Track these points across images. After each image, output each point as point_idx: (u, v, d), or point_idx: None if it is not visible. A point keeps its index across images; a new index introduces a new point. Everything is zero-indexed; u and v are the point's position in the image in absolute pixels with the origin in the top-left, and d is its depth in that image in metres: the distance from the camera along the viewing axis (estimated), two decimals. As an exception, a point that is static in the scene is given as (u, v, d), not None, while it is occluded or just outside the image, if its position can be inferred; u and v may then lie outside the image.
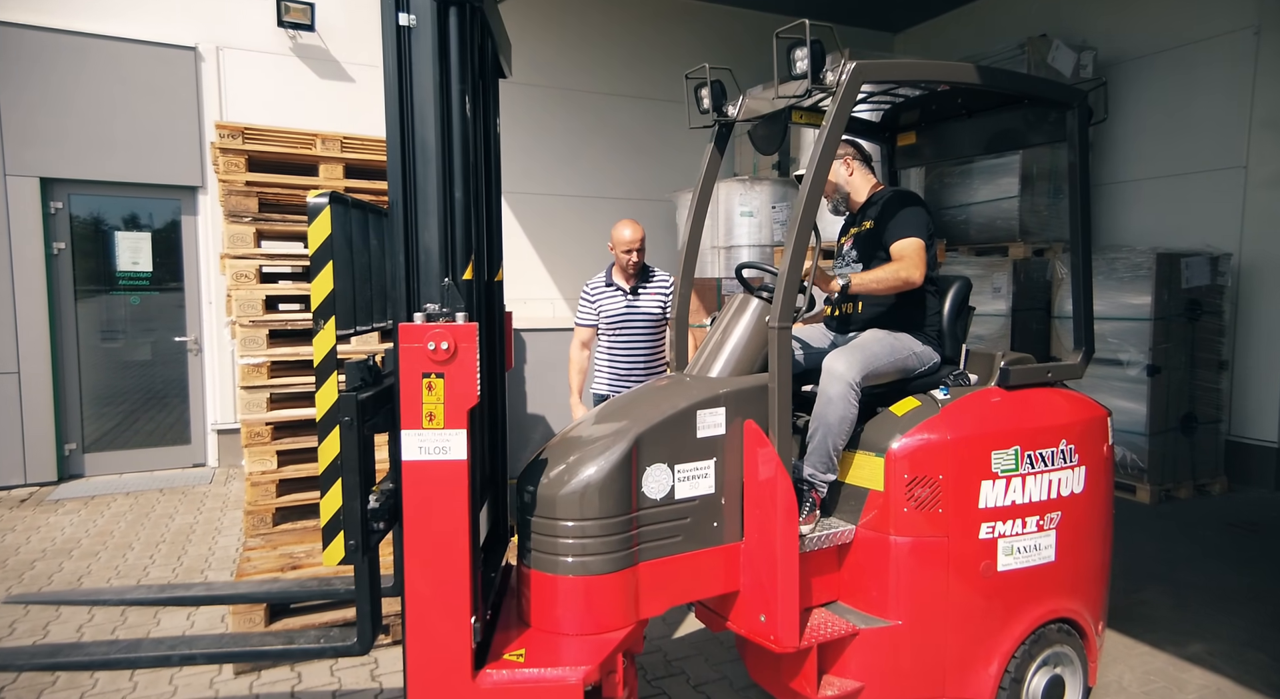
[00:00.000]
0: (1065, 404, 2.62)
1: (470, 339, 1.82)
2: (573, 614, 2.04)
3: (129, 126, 5.85)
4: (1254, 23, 5.65)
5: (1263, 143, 5.63)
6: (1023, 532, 2.41)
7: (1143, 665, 3.14)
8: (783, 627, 2.14)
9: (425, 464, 1.89)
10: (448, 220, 1.87)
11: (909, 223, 2.54)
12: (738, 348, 2.38)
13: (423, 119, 1.85)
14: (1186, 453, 5.51)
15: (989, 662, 2.39)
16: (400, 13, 1.83)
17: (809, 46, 2.03)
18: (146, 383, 6.24)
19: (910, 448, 2.27)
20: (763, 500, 2.17)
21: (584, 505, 2.01)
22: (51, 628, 3.45)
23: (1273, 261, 5.59)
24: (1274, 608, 3.67)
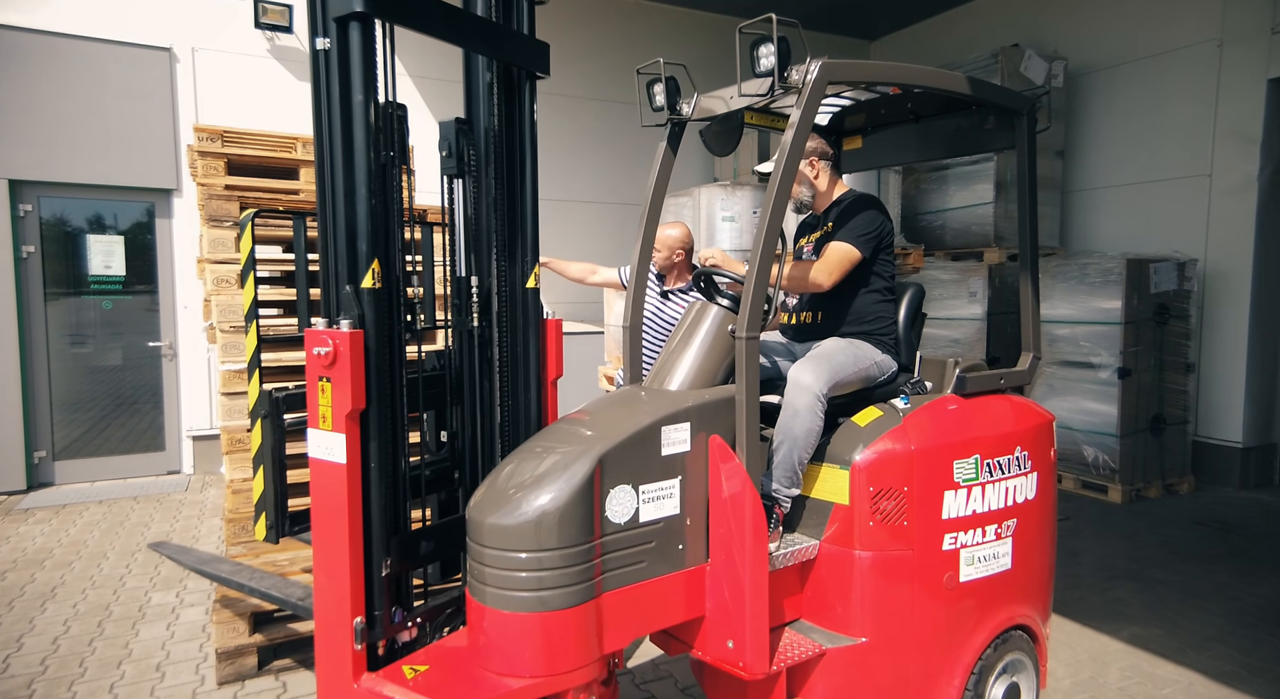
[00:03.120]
0: (1017, 411, 2.63)
1: (351, 346, 1.81)
2: (530, 654, 1.83)
3: (101, 128, 5.76)
4: (1217, 36, 5.82)
5: (1226, 152, 5.79)
6: (983, 541, 2.41)
7: (1116, 662, 3.21)
8: (752, 652, 2.05)
9: (320, 463, 1.91)
10: (350, 229, 1.86)
11: (852, 229, 2.52)
12: (698, 359, 2.24)
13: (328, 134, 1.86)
14: (1156, 453, 5.64)
15: (953, 674, 2.37)
16: (317, 37, 1.86)
17: (775, 43, 2.00)
18: (119, 388, 6.13)
19: (875, 459, 2.23)
20: (730, 519, 2.07)
21: (544, 534, 1.81)
22: (25, 640, 3.38)
23: (1236, 267, 5.75)
24: (1241, 604, 3.77)
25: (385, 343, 1.89)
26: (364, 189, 1.82)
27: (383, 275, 1.87)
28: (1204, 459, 5.93)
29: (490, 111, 2.07)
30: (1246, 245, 5.69)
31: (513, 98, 2.10)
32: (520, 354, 2.18)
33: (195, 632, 3.47)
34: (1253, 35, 5.61)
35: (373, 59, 1.81)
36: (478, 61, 2.11)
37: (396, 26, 1.88)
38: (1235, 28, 5.71)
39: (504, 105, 2.09)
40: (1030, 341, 2.91)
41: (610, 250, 7.01)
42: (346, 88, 1.80)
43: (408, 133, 1.92)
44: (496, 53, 2.03)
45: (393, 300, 1.92)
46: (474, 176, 2.08)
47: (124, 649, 3.31)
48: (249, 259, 2.08)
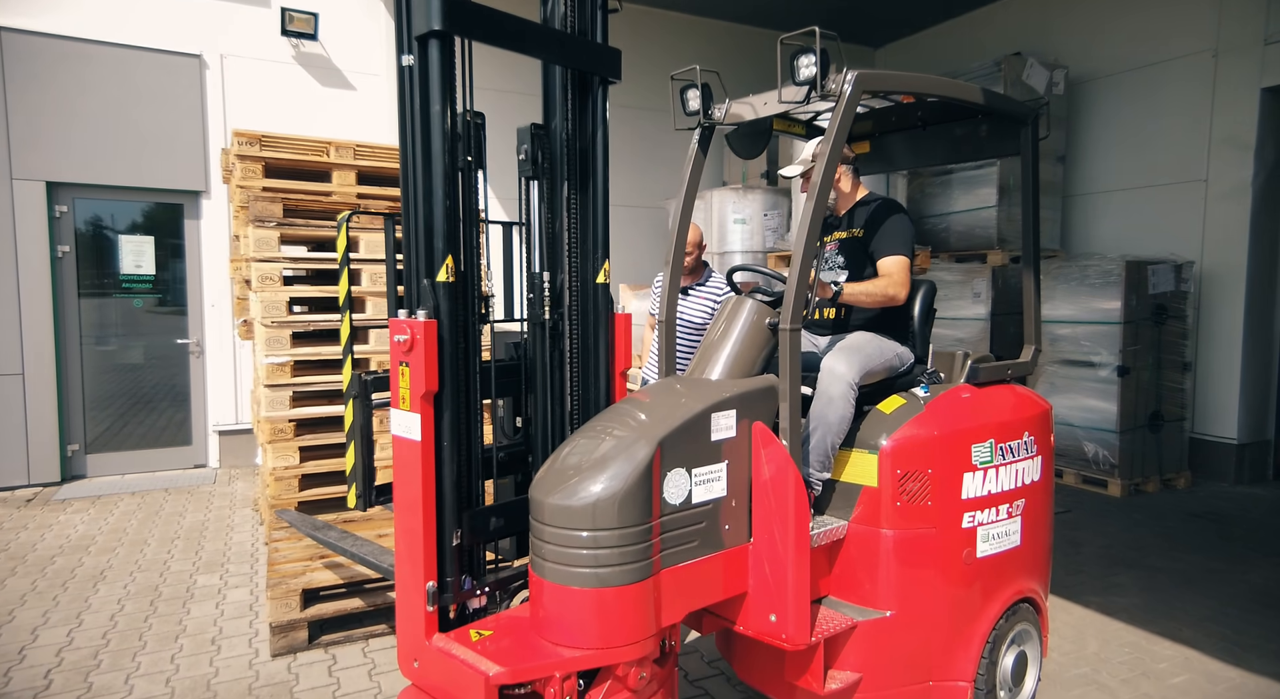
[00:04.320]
0: (1023, 399, 2.83)
1: (425, 334, 1.98)
2: (586, 627, 1.95)
3: (133, 132, 5.95)
4: (1212, 47, 6.03)
5: (1221, 158, 6.00)
6: (997, 519, 2.60)
7: (1117, 640, 3.41)
8: (794, 625, 2.18)
9: (400, 440, 2.09)
10: (428, 228, 2.03)
11: (897, 239, 2.70)
12: (737, 350, 2.37)
13: (411, 143, 2.04)
14: (1154, 449, 5.84)
15: (970, 644, 2.54)
16: (402, 54, 2.05)
17: (817, 54, 2.19)
18: (148, 385, 6.31)
19: (901, 444, 2.39)
20: (774, 501, 2.21)
21: (604, 515, 1.93)
22: (84, 617, 3.56)
23: (1231, 269, 5.96)
24: (1234, 589, 3.97)
25: (459, 332, 2.08)
26: (440, 192, 2.01)
27: (457, 270, 2.06)
28: (1200, 455, 6.13)
29: (565, 116, 2.24)
30: (1241, 248, 5.90)
31: (586, 102, 2.27)
32: (590, 346, 2.34)
33: (243, 610, 3.65)
34: (1246, 46, 5.82)
35: (451, 73, 2.00)
36: (554, 69, 2.28)
37: (475, 42, 2.06)
38: (1230, 39, 5.92)
39: (578, 110, 2.25)
40: (1032, 335, 3.11)
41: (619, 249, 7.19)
42: (426, 100, 1.99)
43: (484, 139, 2.11)
44: (570, 61, 2.21)
45: (467, 293, 2.10)
46: (548, 178, 2.26)
47: (178, 625, 3.49)
48: (344, 257, 2.27)
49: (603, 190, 2.28)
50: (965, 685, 2.54)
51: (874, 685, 2.44)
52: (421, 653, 2.10)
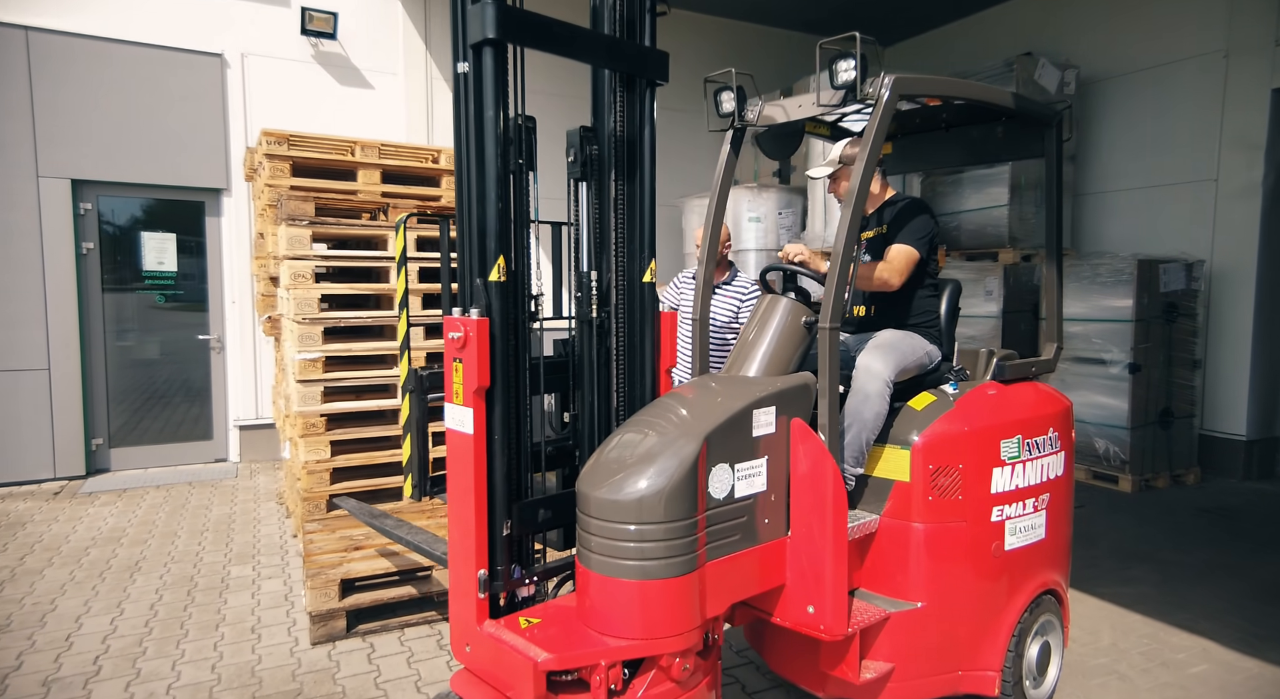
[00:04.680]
0: (1046, 396, 2.91)
1: (478, 332, 2.05)
2: (633, 618, 2.01)
3: (156, 130, 6.02)
4: (1223, 47, 6.10)
5: (1232, 158, 6.07)
6: (1024, 513, 2.67)
7: (1135, 632, 3.49)
8: (832, 616, 2.24)
9: (453, 433, 2.17)
10: (481, 228, 2.10)
11: (912, 231, 2.77)
12: (773, 348, 2.42)
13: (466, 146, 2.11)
14: (1164, 446, 5.92)
15: (997, 635, 2.62)
16: (458, 62, 2.12)
17: (858, 58, 2.26)
18: (170, 380, 6.39)
19: (933, 440, 2.47)
20: (813, 495, 2.27)
21: (651, 509, 1.98)
22: (124, 606, 3.65)
23: (1241, 268, 6.03)
24: (1248, 582, 4.05)
25: (510, 330, 2.16)
26: (494, 194, 2.08)
27: (508, 270, 2.13)
28: (1209, 451, 6.21)
29: (613, 118, 2.31)
30: (1251, 247, 5.97)
31: (634, 104, 2.32)
32: (636, 343, 2.40)
33: (279, 600, 3.74)
34: (1257, 47, 5.88)
35: (504, 78, 2.07)
36: (602, 72, 2.34)
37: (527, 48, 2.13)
38: (1241, 39, 5.98)
39: (625, 112, 2.32)
40: (1054, 332, 3.19)
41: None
42: (481, 105, 2.06)
43: (535, 142, 2.18)
44: (619, 64, 2.27)
45: (518, 292, 2.18)
46: (597, 179, 2.33)
47: (217, 614, 3.57)
48: (402, 256, 2.36)
49: (650, 190, 2.35)
50: (993, 675, 2.62)
51: (906, 675, 2.51)
52: (473, 638, 2.18)
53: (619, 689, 2.07)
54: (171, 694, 2.90)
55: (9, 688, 2.95)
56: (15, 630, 3.41)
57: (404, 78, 6.79)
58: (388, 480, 4.23)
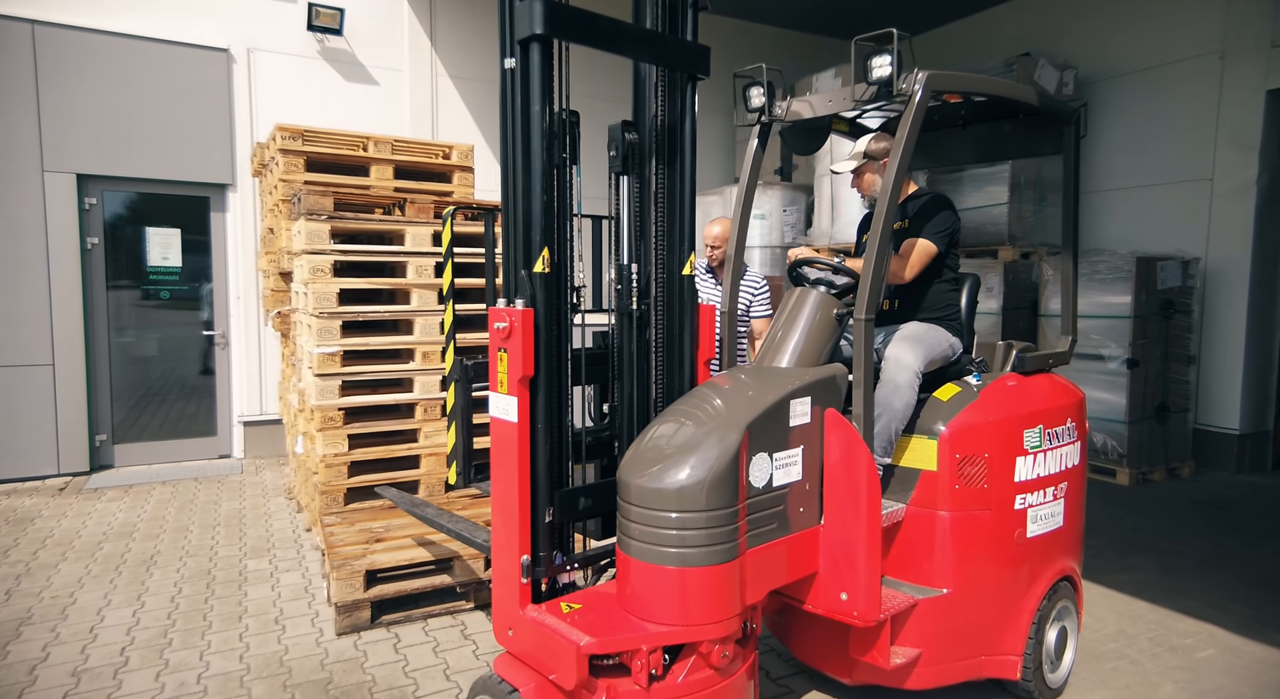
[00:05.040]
0: (1062, 387, 2.99)
1: (523, 322, 2.10)
2: (684, 604, 2.05)
3: (162, 125, 6.00)
4: (1218, 48, 6.22)
5: (1226, 158, 6.19)
6: (1044, 501, 2.74)
7: (1141, 618, 3.58)
8: (865, 602, 2.30)
9: (497, 421, 2.21)
10: (526, 221, 2.15)
11: (932, 227, 2.84)
12: (804, 340, 2.49)
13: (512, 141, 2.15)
14: (1160, 439, 6.04)
15: (1019, 619, 2.69)
16: (505, 58, 2.16)
17: (894, 55, 2.32)
18: (174, 375, 6.38)
19: (960, 430, 2.53)
20: (846, 484, 2.32)
21: (692, 498, 2.02)
22: (145, 600, 3.66)
23: (1235, 266, 6.16)
24: (1247, 572, 4.15)
25: (553, 320, 2.20)
26: (539, 187, 2.13)
27: (552, 261, 2.18)
28: (1203, 445, 6.34)
29: (655, 113, 2.35)
30: (1245, 245, 6.10)
31: (674, 99, 2.37)
32: (675, 335, 2.45)
33: (299, 592, 3.76)
34: (1252, 49, 6.00)
35: (550, 74, 2.12)
36: (643, 67, 2.39)
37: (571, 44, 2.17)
38: (1236, 41, 6.11)
39: (666, 106, 2.36)
40: (1069, 325, 3.27)
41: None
42: (528, 100, 2.10)
43: (579, 137, 2.22)
44: (662, 60, 2.31)
45: (561, 284, 2.22)
46: (638, 173, 2.37)
47: (238, 606, 3.59)
48: (449, 250, 2.39)
49: (690, 184, 2.39)
50: (1015, 660, 2.69)
51: (932, 660, 2.57)
52: (516, 622, 2.22)
53: (659, 674, 2.12)
54: (202, 683, 2.92)
55: (38, 679, 2.96)
56: (37, 623, 3.42)
57: (409, 74, 6.79)
58: (404, 474, 4.25)
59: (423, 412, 4.25)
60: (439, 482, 4.30)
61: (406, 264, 4.18)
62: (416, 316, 4.21)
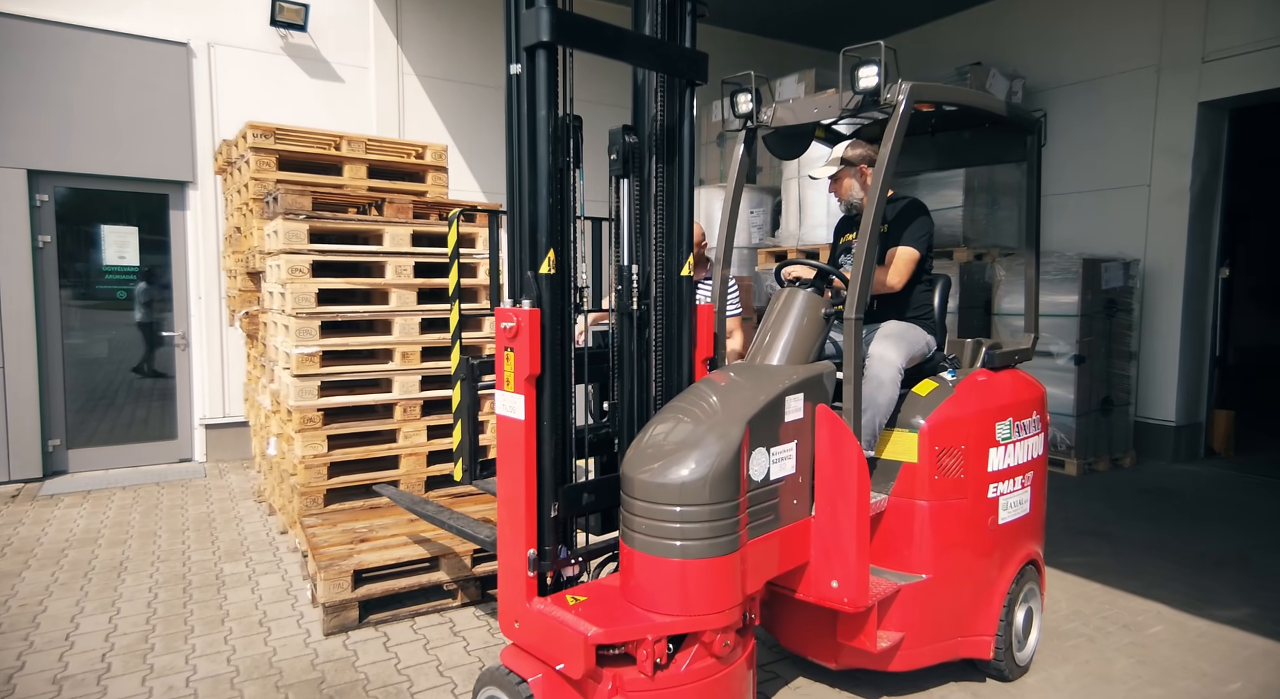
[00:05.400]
0: (1026, 382, 3.17)
1: (530, 322, 2.17)
2: (688, 595, 2.12)
3: (118, 120, 5.83)
4: (1155, 63, 6.59)
5: (1163, 165, 6.56)
6: (1014, 489, 2.92)
7: (1095, 599, 3.80)
8: (855, 589, 2.41)
9: (504, 419, 2.27)
10: (533, 223, 2.21)
11: (912, 233, 3.00)
12: (794, 338, 2.60)
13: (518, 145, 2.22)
14: (1105, 432, 6.37)
15: (991, 602, 2.85)
16: (511, 64, 2.23)
17: (881, 66, 2.45)
18: (132, 378, 6.20)
19: (939, 423, 2.68)
20: (837, 476, 2.42)
21: (709, 490, 2.10)
22: (120, 606, 3.59)
23: (1171, 267, 6.53)
24: (1187, 553, 4.44)
25: (558, 320, 2.26)
26: (544, 190, 2.19)
27: (557, 263, 2.24)
28: (1143, 436, 6.70)
29: (654, 117, 2.42)
30: (1180, 248, 6.47)
31: (673, 103, 2.44)
32: (673, 335, 2.52)
33: (280, 595, 3.73)
34: (1186, 64, 6.38)
35: (555, 80, 2.18)
36: (642, 73, 2.46)
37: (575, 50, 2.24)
38: (1171, 57, 6.48)
39: (665, 110, 2.43)
40: (1032, 323, 3.46)
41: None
42: (534, 105, 2.16)
43: (581, 141, 2.29)
44: (663, 66, 2.38)
45: (565, 285, 2.29)
46: (638, 176, 2.45)
47: (219, 610, 3.55)
48: (454, 251, 2.42)
49: (689, 186, 2.47)
50: (988, 640, 2.85)
51: (914, 643, 2.71)
52: (523, 615, 2.28)
53: (663, 663, 2.20)
54: (192, 687, 2.90)
55: (16, 687, 2.89)
56: (7, 632, 3.33)
57: (375, 72, 6.73)
58: (383, 474, 4.25)
59: (402, 412, 4.26)
60: (419, 481, 4.31)
61: (385, 264, 4.18)
62: (395, 317, 4.21)
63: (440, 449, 4.40)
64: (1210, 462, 6.70)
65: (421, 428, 4.31)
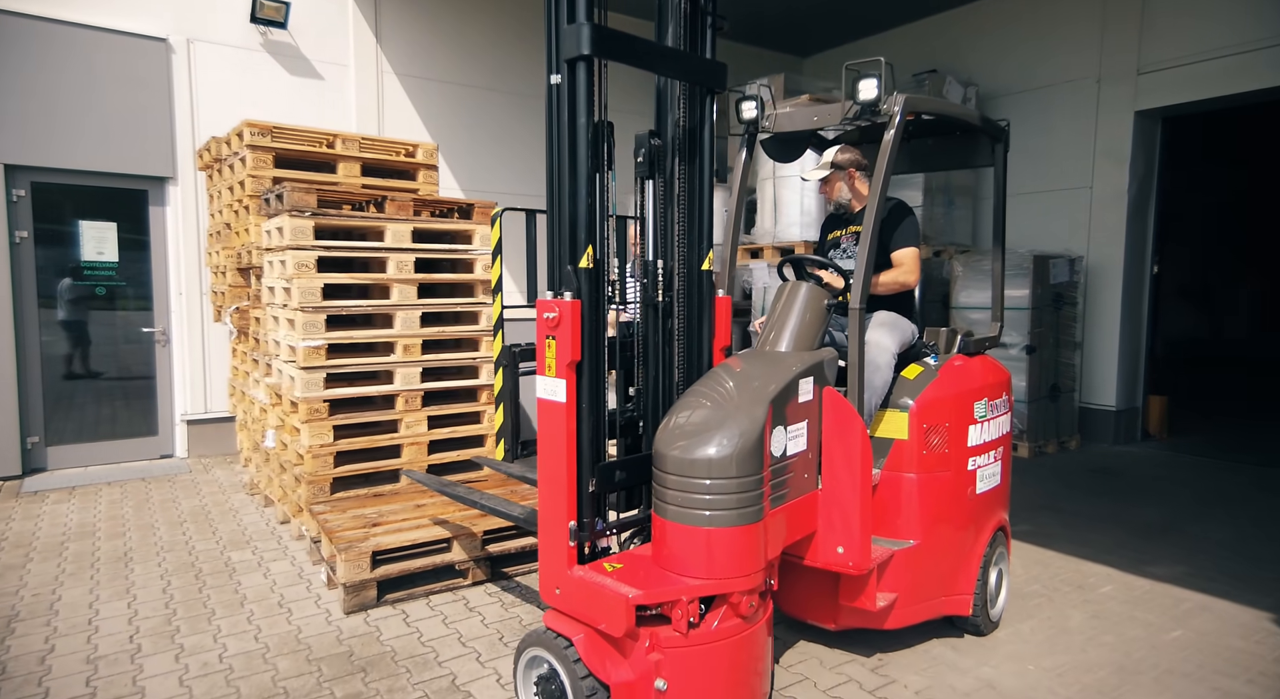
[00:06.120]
0: (994, 366, 3.50)
1: (572, 312, 2.38)
2: (720, 560, 2.33)
3: (96, 115, 5.80)
4: (1095, 74, 7.09)
5: (1103, 169, 7.07)
6: (988, 463, 3.25)
7: (1051, 564, 4.18)
8: (859, 553, 2.67)
9: (545, 402, 2.48)
10: (572, 222, 2.42)
11: (908, 233, 3.30)
12: (799, 327, 2.85)
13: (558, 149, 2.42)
14: (1053, 417, 6.85)
15: (970, 564, 3.17)
16: (551, 74, 2.43)
17: (881, 80, 2.73)
18: (111, 374, 6.17)
19: (926, 403, 2.97)
20: (843, 452, 2.67)
21: (736, 464, 2.31)
22: (136, 592, 3.67)
23: (1111, 263, 7.05)
24: (1131, 523, 4.88)
25: (594, 310, 2.48)
26: (584, 190, 2.40)
27: (594, 257, 2.46)
28: (1087, 421, 7.22)
29: (676, 123, 2.64)
30: (1119, 245, 6.99)
31: (694, 110, 2.66)
32: (694, 325, 2.74)
33: (293, 579, 3.86)
34: (1123, 75, 6.89)
35: (593, 89, 2.39)
36: (666, 82, 2.67)
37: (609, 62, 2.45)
38: (1110, 68, 6.98)
39: (686, 117, 2.65)
40: (998, 314, 3.81)
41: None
42: (574, 113, 2.37)
43: (614, 145, 2.50)
44: (687, 76, 2.60)
45: (599, 278, 2.50)
46: (662, 177, 2.67)
47: (235, 594, 3.67)
48: (497, 247, 2.61)
49: (709, 186, 2.71)
50: (968, 598, 3.17)
51: (906, 602, 3.00)
52: (564, 581, 2.48)
53: (695, 622, 2.43)
54: (226, 662, 3.03)
55: (51, 668, 2.98)
56: (27, 619, 3.39)
57: (354, 69, 6.81)
58: (386, 463, 4.40)
59: (404, 402, 4.41)
60: (420, 469, 4.46)
61: (387, 260, 4.32)
62: (397, 311, 4.36)
63: (440, 438, 4.56)
64: (1146, 443, 7.26)
65: (422, 418, 4.46)
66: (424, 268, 4.48)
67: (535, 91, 7.82)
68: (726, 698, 2.44)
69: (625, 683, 2.35)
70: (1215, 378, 11.55)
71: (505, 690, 2.85)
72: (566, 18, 2.35)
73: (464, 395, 4.70)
